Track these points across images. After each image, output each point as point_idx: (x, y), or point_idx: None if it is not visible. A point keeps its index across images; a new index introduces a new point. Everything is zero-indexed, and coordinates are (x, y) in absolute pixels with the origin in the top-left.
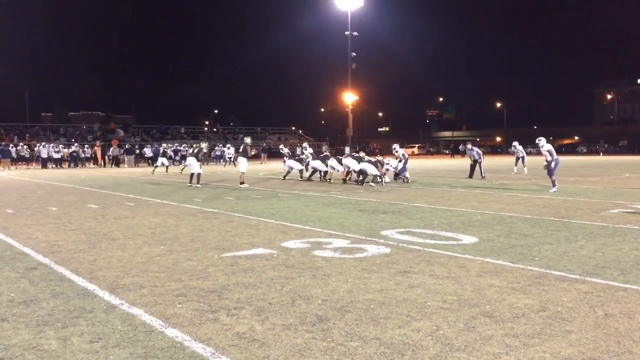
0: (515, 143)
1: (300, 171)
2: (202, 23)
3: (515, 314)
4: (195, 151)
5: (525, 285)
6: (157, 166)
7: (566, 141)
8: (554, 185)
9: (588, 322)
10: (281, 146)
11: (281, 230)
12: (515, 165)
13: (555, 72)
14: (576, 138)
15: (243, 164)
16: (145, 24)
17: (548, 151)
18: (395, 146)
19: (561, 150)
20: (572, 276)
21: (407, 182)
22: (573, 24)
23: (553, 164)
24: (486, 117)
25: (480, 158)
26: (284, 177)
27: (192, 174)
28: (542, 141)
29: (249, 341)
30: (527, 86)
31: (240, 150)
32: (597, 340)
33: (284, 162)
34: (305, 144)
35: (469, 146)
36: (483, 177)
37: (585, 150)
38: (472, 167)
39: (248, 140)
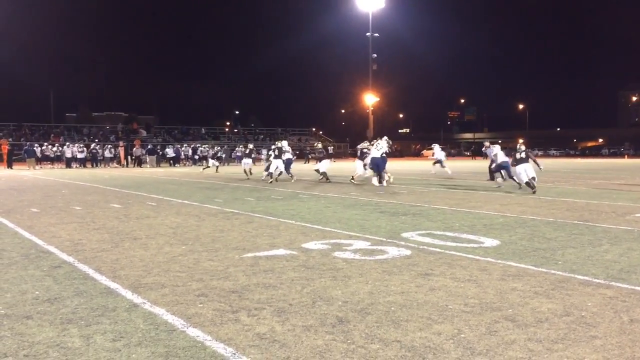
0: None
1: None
2: (225, 24)
3: (539, 319)
4: (277, 152)
5: (548, 289)
6: (208, 166)
7: (590, 143)
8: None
9: (613, 327)
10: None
11: (301, 231)
12: (439, 165)
13: (579, 73)
14: (600, 140)
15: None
16: (168, 26)
17: (495, 155)
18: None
19: (585, 152)
20: (597, 281)
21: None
22: (597, 25)
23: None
24: (508, 118)
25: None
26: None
27: (271, 173)
28: (496, 148)
29: (269, 342)
30: (550, 88)
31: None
32: (622, 346)
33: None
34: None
35: (487, 144)
36: (504, 180)
37: (609, 153)
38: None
39: (283, 143)
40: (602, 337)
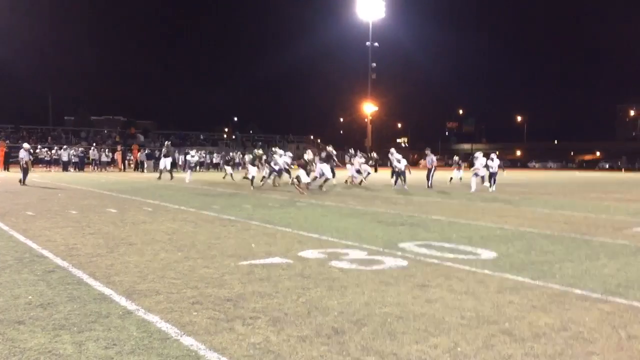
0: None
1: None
2: (224, 32)
3: (536, 333)
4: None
5: (545, 303)
6: (231, 173)
7: (587, 157)
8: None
9: (611, 343)
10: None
11: (298, 239)
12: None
13: (577, 86)
14: (598, 154)
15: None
16: (167, 31)
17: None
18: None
19: (582, 165)
20: (594, 295)
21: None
22: (597, 39)
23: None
24: (507, 130)
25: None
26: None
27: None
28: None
29: (263, 352)
30: (549, 100)
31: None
32: None
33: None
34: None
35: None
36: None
37: (607, 167)
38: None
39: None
40: (600, 353)
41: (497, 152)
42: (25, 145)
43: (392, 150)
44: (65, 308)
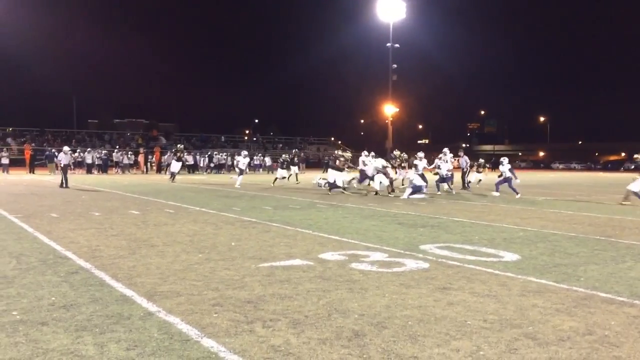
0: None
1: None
2: (244, 34)
3: (560, 337)
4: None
5: (570, 306)
6: (277, 178)
7: (612, 158)
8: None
9: (638, 348)
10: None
11: (318, 241)
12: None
13: (601, 86)
14: (623, 154)
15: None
16: (190, 35)
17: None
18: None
19: (607, 166)
20: (620, 299)
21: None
22: (622, 38)
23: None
24: (529, 131)
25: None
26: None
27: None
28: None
29: (284, 354)
30: (572, 100)
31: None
32: None
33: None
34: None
35: (461, 153)
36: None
37: (632, 168)
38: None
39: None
40: (626, 357)
41: (520, 154)
42: (65, 148)
43: (445, 150)
44: (87, 309)
